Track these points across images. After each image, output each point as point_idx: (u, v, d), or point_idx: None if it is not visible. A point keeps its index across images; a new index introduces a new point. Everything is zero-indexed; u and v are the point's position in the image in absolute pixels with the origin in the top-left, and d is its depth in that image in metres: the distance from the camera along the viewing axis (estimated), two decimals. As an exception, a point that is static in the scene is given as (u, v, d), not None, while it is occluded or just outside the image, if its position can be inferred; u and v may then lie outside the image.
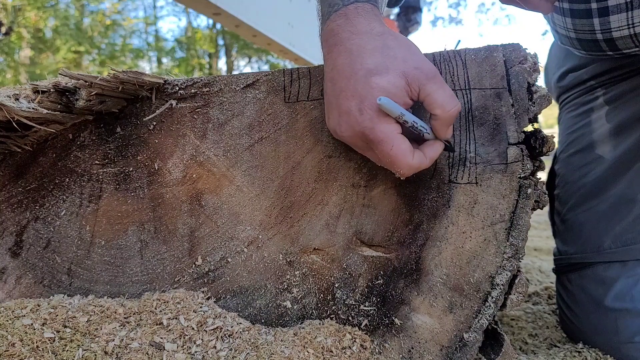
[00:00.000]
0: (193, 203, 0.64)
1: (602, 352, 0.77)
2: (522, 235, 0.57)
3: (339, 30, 0.54)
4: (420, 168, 0.53)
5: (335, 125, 0.54)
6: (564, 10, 0.76)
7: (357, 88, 0.51)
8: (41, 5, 9.95)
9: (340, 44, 0.53)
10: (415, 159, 0.52)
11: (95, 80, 0.57)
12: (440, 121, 0.53)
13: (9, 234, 0.66)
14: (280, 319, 0.62)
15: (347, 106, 0.51)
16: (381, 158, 0.52)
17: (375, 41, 0.52)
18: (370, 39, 0.52)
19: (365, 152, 0.55)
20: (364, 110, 0.50)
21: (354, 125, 0.51)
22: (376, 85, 0.50)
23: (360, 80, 0.51)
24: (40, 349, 0.49)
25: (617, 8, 0.69)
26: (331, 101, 0.54)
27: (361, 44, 0.52)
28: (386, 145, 0.50)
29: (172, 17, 16.56)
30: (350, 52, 0.52)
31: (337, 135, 0.55)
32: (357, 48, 0.52)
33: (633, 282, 0.74)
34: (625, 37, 0.72)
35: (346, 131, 0.53)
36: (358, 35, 0.53)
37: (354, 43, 0.52)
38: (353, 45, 0.52)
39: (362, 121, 0.50)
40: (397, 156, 0.51)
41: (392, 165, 0.52)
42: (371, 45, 0.52)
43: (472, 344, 0.57)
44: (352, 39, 0.53)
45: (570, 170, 0.89)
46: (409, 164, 0.51)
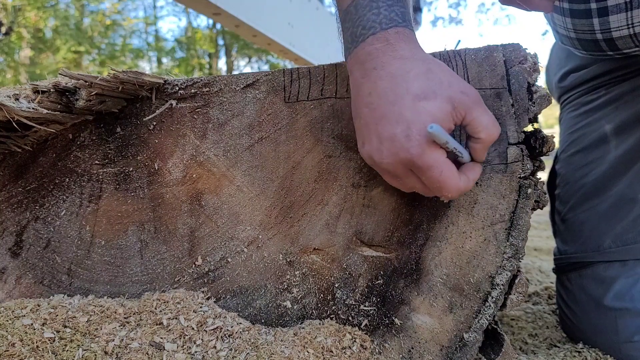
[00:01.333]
0: (193, 203, 0.64)
1: (602, 351, 0.77)
2: (522, 235, 0.57)
3: (378, 54, 0.52)
4: (466, 190, 0.53)
5: (373, 151, 0.52)
6: (564, 10, 0.76)
7: (403, 113, 0.49)
8: (41, 5, 9.95)
9: (380, 68, 0.51)
10: (462, 181, 0.51)
11: (95, 80, 0.57)
12: (483, 145, 0.52)
13: (9, 234, 0.66)
14: (280, 319, 0.62)
15: (392, 132, 0.49)
16: (429, 184, 0.51)
17: (420, 66, 0.51)
18: (414, 64, 0.51)
19: (399, 179, 0.53)
20: (412, 136, 0.48)
21: (399, 151, 0.49)
22: (424, 111, 0.49)
23: (406, 105, 0.49)
24: (40, 349, 0.49)
25: (616, 8, 0.69)
26: (369, 127, 0.52)
27: (405, 68, 0.51)
28: (435, 171, 0.49)
29: (172, 17, 16.57)
30: (393, 77, 0.50)
31: (373, 161, 0.53)
32: (400, 72, 0.50)
33: (633, 281, 0.74)
34: (625, 37, 0.72)
35: (388, 158, 0.51)
36: (401, 60, 0.51)
37: (397, 67, 0.51)
38: (396, 70, 0.51)
39: (410, 147, 0.48)
40: (446, 181, 0.50)
41: (440, 190, 0.51)
42: (416, 70, 0.50)
43: (472, 344, 0.57)
44: (394, 63, 0.51)
45: (571, 170, 0.89)
46: (458, 187, 0.51)
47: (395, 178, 0.54)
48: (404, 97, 0.49)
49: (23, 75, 9.50)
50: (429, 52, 0.61)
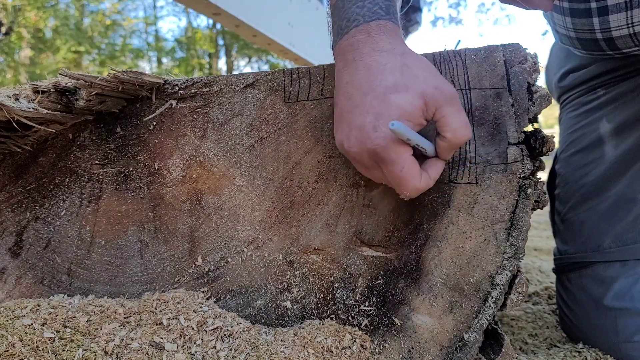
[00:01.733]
0: (193, 203, 0.64)
1: (602, 351, 0.77)
2: (522, 235, 0.57)
3: (359, 45, 0.53)
4: (425, 189, 0.52)
5: (343, 138, 0.53)
6: (564, 10, 0.76)
7: (374, 104, 0.50)
8: (41, 5, 9.95)
9: (359, 59, 0.52)
10: (423, 181, 0.51)
11: (95, 80, 0.57)
12: (448, 145, 0.52)
13: (9, 234, 0.66)
14: (280, 319, 0.62)
15: (361, 122, 0.50)
16: (389, 178, 0.52)
17: (396, 60, 0.51)
18: (391, 57, 0.51)
19: (368, 169, 0.54)
20: (378, 127, 0.49)
21: (365, 141, 0.50)
22: (394, 103, 0.49)
23: (377, 97, 0.50)
24: (40, 349, 0.49)
25: (616, 7, 0.69)
26: (343, 115, 0.53)
27: (382, 61, 0.51)
28: (397, 166, 0.49)
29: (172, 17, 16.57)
30: (369, 68, 0.51)
31: (343, 149, 0.54)
32: (377, 65, 0.51)
33: (633, 281, 0.74)
34: (625, 37, 0.72)
35: (355, 147, 0.51)
36: (379, 53, 0.52)
37: (374, 60, 0.51)
38: (373, 62, 0.51)
39: (375, 138, 0.49)
40: (406, 179, 0.50)
41: (399, 187, 0.51)
42: (392, 64, 0.51)
43: (472, 344, 0.57)
44: (372, 55, 0.52)
45: (570, 170, 0.89)
46: (416, 187, 0.51)
47: (365, 168, 0.54)
48: (376, 89, 0.50)
49: (23, 75, 9.50)
50: (429, 52, 0.61)
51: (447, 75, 0.60)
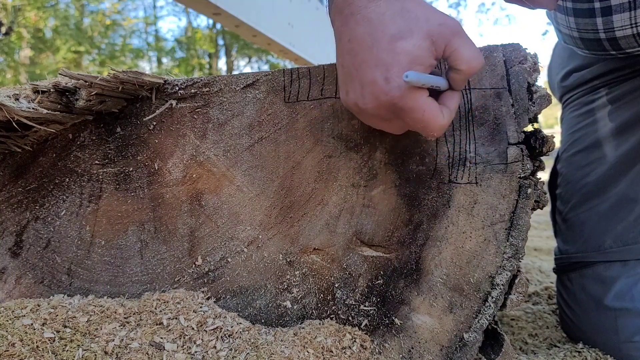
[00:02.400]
0: (193, 203, 0.64)
1: (602, 351, 0.77)
2: (522, 235, 0.57)
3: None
4: (449, 123, 0.52)
5: (357, 98, 0.52)
6: (567, 10, 0.76)
7: (382, 56, 0.49)
8: (41, 5, 9.95)
9: (357, 12, 0.51)
10: (445, 117, 0.51)
11: (95, 80, 0.57)
12: (463, 76, 0.51)
13: (9, 234, 0.66)
14: (280, 319, 0.62)
15: (372, 76, 0.49)
16: (412, 125, 0.51)
17: (394, 6, 0.50)
18: (388, 5, 0.50)
19: (387, 121, 0.53)
20: (390, 79, 0.48)
21: (379, 95, 0.49)
22: (402, 51, 0.48)
23: (384, 47, 0.49)
24: (40, 349, 0.49)
25: (620, 7, 0.69)
26: (351, 73, 0.52)
27: (379, 10, 0.50)
28: (418, 112, 0.49)
29: (172, 17, 16.58)
30: (369, 20, 0.50)
31: (357, 108, 0.53)
32: (376, 15, 0.50)
33: (633, 281, 0.74)
34: (629, 37, 0.72)
35: (371, 102, 0.50)
36: (376, 3, 0.51)
37: (372, 10, 0.50)
38: (371, 13, 0.50)
39: (390, 90, 0.48)
40: (429, 120, 0.49)
41: (425, 130, 0.51)
42: (391, 11, 0.50)
43: (472, 344, 0.57)
44: (369, 6, 0.51)
45: (572, 170, 0.89)
46: (441, 124, 0.50)
47: (384, 121, 0.53)
48: (381, 40, 0.49)
49: (23, 75, 9.50)
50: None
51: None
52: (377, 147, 0.61)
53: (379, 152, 0.61)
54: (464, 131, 0.59)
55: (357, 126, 0.61)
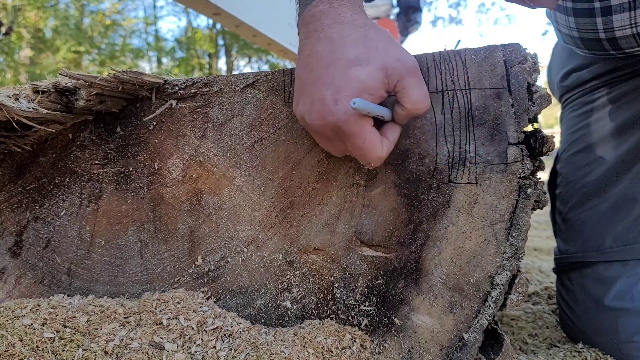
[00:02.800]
0: (193, 203, 0.64)
1: (602, 351, 0.77)
2: (522, 235, 0.57)
3: (321, 16, 0.52)
4: (387, 155, 0.53)
5: (305, 112, 0.53)
6: (567, 9, 0.76)
7: (335, 77, 0.50)
8: (41, 5, 9.95)
9: (321, 30, 0.52)
10: (385, 149, 0.52)
11: (95, 80, 0.57)
12: (407, 114, 0.53)
13: (9, 234, 0.66)
14: (280, 319, 0.62)
15: (322, 95, 0.50)
16: (352, 150, 0.52)
17: (358, 32, 0.51)
18: (352, 29, 0.51)
19: (330, 142, 0.54)
20: (339, 101, 0.49)
21: (326, 115, 0.50)
22: (355, 77, 0.49)
23: (339, 69, 0.50)
24: (40, 349, 0.49)
25: (620, 7, 0.69)
26: (304, 88, 0.53)
27: (343, 33, 0.51)
28: (359, 138, 0.50)
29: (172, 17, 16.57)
30: (331, 40, 0.51)
31: (304, 122, 0.54)
32: (338, 37, 0.51)
33: (633, 281, 0.74)
34: (628, 37, 0.72)
35: (316, 120, 0.51)
36: (341, 24, 0.52)
37: (336, 31, 0.51)
38: (334, 34, 0.51)
39: (336, 112, 0.49)
40: (369, 149, 0.51)
41: (363, 158, 0.52)
42: (353, 36, 0.51)
43: (472, 344, 0.57)
44: (334, 27, 0.52)
45: (572, 170, 0.89)
46: (379, 155, 0.52)
47: (326, 140, 0.54)
48: (338, 62, 0.50)
49: (23, 75, 9.50)
50: (429, 52, 0.61)
51: (447, 75, 0.60)
52: (377, 147, 0.61)
53: (378, 152, 0.61)
54: (464, 131, 0.59)
55: (357, 126, 0.61)
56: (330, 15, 0.52)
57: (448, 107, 0.59)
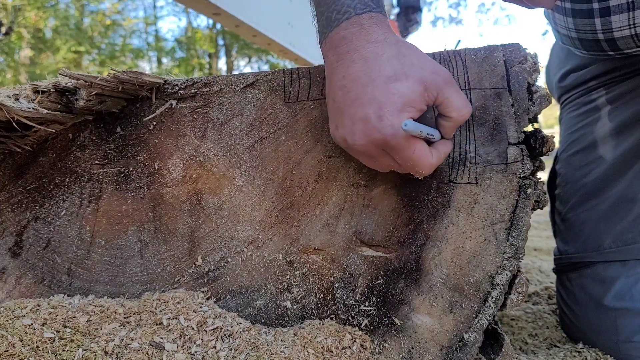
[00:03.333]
0: (193, 203, 0.64)
1: (602, 351, 0.77)
2: (522, 235, 0.57)
3: (352, 38, 0.53)
4: (438, 164, 0.54)
5: (347, 134, 0.53)
6: (566, 10, 0.76)
7: (376, 95, 0.50)
8: (41, 5, 9.95)
9: (354, 51, 0.52)
10: (435, 157, 0.53)
11: (95, 80, 0.57)
12: (454, 123, 0.54)
13: (9, 234, 0.66)
14: (280, 319, 0.62)
15: (364, 114, 0.50)
16: (402, 163, 0.52)
17: (391, 49, 0.52)
18: (386, 47, 0.52)
19: (374, 159, 0.54)
20: (384, 117, 0.49)
21: (371, 133, 0.50)
22: (397, 92, 0.50)
23: (378, 87, 0.50)
24: (40, 349, 0.49)
25: (618, 8, 0.69)
26: (342, 109, 0.53)
27: (377, 51, 0.52)
28: (409, 150, 0.51)
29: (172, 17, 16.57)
30: (366, 60, 0.52)
31: (347, 144, 0.54)
32: (373, 56, 0.52)
33: (633, 281, 0.74)
34: (627, 37, 0.72)
35: (360, 139, 0.52)
36: (374, 44, 0.52)
37: (370, 51, 0.52)
38: (369, 53, 0.52)
39: (382, 128, 0.50)
40: (419, 158, 0.51)
41: (414, 168, 0.53)
42: (388, 54, 0.52)
43: (472, 344, 0.57)
44: (367, 47, 0.52)
45: (571, 170, 0.89)
46: (431, 163, 0.52)
47: (370, 159, 0.55)
48: (377, 79, 0.50)
49: (23, 75, 9.50)
50: (429, 52, 0.61)
51: (447, 75, 0.60)
52: (377, 147, 0.61)
53: (379, 152, 0.61)
54: (464, 131, 0.59)
55: (357, 126, 0.61)
56: (362, 36, 0.52)
57: (448, 107, 0.59)
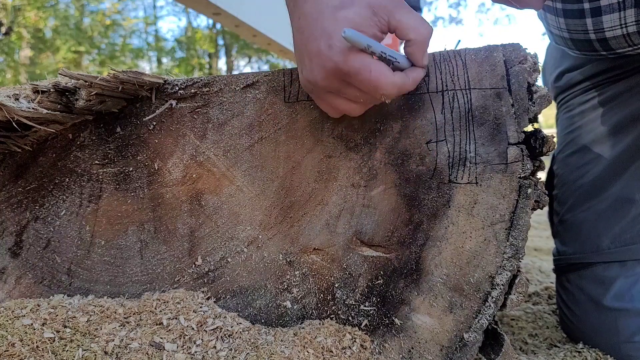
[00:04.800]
0: (193, 203, 0.64)
1: (602, 351, 0.77)
2: (522, 235, 0.57)
3: None
4: (404, 87, 0.52)
5: (308, 73, 0.52)
6: (557, 10, 0.76)
7: (325, 26, 0.50)
8: (41, 5, 9.95)
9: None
10: (397, 76, 0.51)
11: (95, 80, 0.57)
12: (416, 45, 0.52)
13: (9, 234, 0.66)
14: (280, 319, 0.62)
15: (316, 47, 0.50)
16: (362, 87, 0.51)
17: None
18: None
19: (342, 92, 0.53)
20: (333, 45, 0.49)
21: (325, 63, 0.50)
22: (343, 19, 0.49)
23: (327, 17, 0.50)
24: (40, 349, 0.49)
25: (609, 8, 0.69)
26: (301, 51, 0.53)
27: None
28: (364, 72, 0.49)
29: (172, 17, 16.57)
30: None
31: (311, 84, 0.53)
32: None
33: (632, 281, 0.74)
34: (619, 37, 0.72)
35: (319, 73, 0.51)
36: None
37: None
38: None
39: (333, 55, 0.49)
40: (378, 78, 0.49)
41: (376, 90, 0.51)
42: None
43: (472, 344, 0.57)
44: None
45: (568, 171, 0.89)
46: (392, 81, 0.50)
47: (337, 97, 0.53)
48: (325, 11, 0.50)
49: (23, 75, 9.50)
50: (428, 53, 0.61)
51: (447, 75, 0.60)
52: (377, 147, 0.61)
53: (379, 152, 0.61)
54: (464, 131, 0.59)
55: (357, 126, 0.61)
56: None
57: (448, 107, 0.59)
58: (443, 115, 0.59)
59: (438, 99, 0.60)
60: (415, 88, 0.58)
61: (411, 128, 0.60)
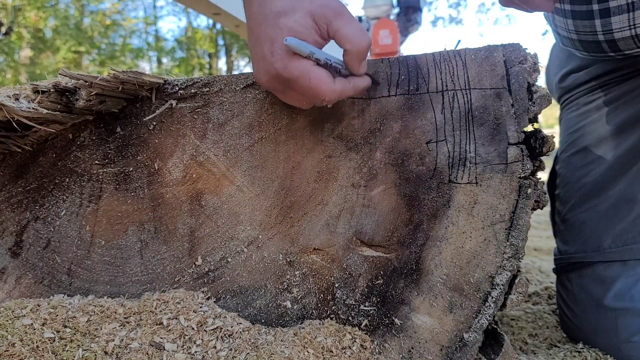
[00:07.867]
0: (193, 203, 0.64)
1: (602, 351, 0.77)
2: (522, 235, 0.57)
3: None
4: (344, 93, 0.54)
5: (255, 73, 0.55)
6: (565, 12, 0.76)
7: (268, 32, 0.52)
8: (41, 5, 9.95)
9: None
10: (337, 83, 0.53)
11: (95, 80, 0.57)
12: (351, 55, 0.53)
13: (9, 234, 0.66)
14: (280, 319, 0.62)
15: (261, 52, 0.52)
16: (303, 94, 0.53)
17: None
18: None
19: (286, 95, 0.56)
20: (275, 52, 0.51)
21: (268, 68, 0.52)
22: (284, 26, 0.51)
23: (270, 23, 0.52)
24: (40, 349, 0.49)
25: (618, 9, 0.69)
26: (251, 50, 0.55)
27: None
28: (303, 78, 0.51)
29: (172, 17, 16.56)
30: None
31: (260, 83, 0.56)
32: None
33: (633, 281, 0.74)
34: (627, 38, 0.72)
35: (264, 76, 0.54)
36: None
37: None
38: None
39: (274, 62, 0.51)
40: (317, 85, 0.52)
41: (316, 96, 0.53)
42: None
43: (472, 344, 0.57)
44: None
45: (571, 170, 0.89)
46: (331, 88, 0.52)
47: (282, 94, 0.56)
48: (268, 16, 0.52)
49: (23, 75, 9.50)
50: (429, 52, 0.61)
51: (447, 75, 0.60)
52: (377, 147, 0.61)
53: (379, 152, 0.61)
54: (464, 131, 0.59)
55: (357, 126, 0.61)
56: None
57: (448, 107, 0.59)
58: (443, 115, 0.59)
59: (438, 99, 0.60)
60: (416, 90, 0.58)
61: (411, 128, 0.60)
